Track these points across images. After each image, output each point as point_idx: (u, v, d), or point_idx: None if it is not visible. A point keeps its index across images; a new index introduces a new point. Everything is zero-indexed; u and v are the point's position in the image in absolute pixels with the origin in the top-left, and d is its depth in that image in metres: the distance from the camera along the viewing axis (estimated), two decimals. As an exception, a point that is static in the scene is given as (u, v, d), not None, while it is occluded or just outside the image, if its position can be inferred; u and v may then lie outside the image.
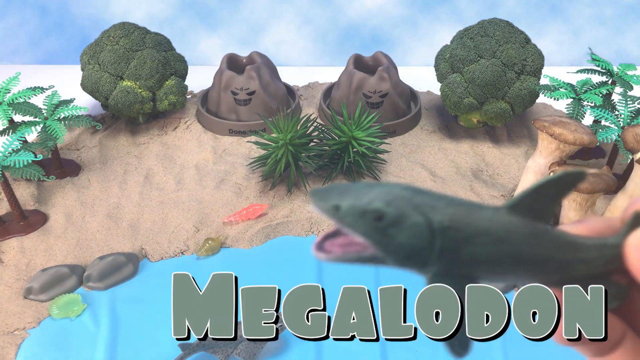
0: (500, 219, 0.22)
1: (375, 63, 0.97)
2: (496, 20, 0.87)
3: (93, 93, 0.92)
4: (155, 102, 0.93)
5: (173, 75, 0.94)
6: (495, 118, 0.87)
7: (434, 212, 0.21)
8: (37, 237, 0.74)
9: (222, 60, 0.97)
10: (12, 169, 0.70)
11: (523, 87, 0.84)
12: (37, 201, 0.80)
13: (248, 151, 0.90)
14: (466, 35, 0.88)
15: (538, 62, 0.86)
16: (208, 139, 0.94)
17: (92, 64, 0.91)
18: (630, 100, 0.78)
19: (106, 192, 0.83)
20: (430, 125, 0.97)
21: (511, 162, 0.88)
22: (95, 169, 0.87)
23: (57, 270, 0.68)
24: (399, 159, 0.88)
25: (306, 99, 1.05)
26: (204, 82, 1.04)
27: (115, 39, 0.90)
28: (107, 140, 0.94)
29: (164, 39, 0.95)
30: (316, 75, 1.13)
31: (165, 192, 0.82)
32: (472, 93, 0.85)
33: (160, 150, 0.91)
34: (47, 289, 0.66)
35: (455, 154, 0.90)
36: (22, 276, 0.69)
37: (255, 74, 0.92)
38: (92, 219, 0.78)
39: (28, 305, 0.65)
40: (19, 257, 0.72)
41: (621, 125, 0.76)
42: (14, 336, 0.62)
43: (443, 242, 0.21)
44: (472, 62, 0.85)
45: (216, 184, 0.83)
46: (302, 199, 0.80)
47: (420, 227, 0.21)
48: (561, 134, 0.70)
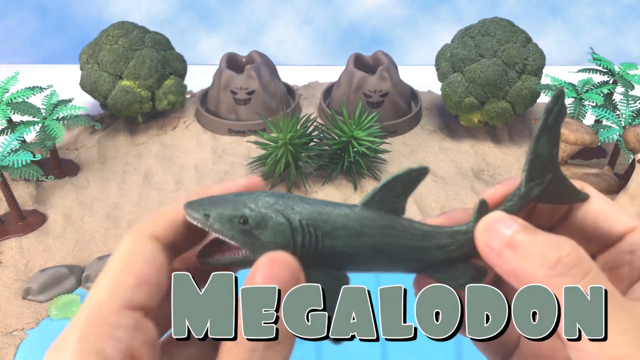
0: (355, 214, 0.25)
1: (375, 62, 0.96)
2: (497, 19, 0.87)
3: (92, 92, 0.91)
4: (155, 102, 0.93)
5: (172, 75, 0.94)
6: (496, 118, 0.86)
7: (295, 213, 0.24)
8: (35, 238, 0.74)
9: (222, 59, 0.97)
10: (11, 169, 0.70)
11: (524, 86, 0.84)
12: (36, 201, 0.80)
13: (247, 151, 0.90)
14: (467, 35, 0.87)
15: (539, 62, 0.85)
16: (207, 139, 0.93)
17: (91, 64, 0.91)
18: (631, 99, 0.78)
19: (105, 192, 0.82)
20: (430, 125, 0.97)
21: (512, 162, 0.88)
22: (94, 169, 0.87)
23: (56, 271, 0.67)
24: (399, 159, 0.88)
25: (306, 98, 1.05)
26: (203, 82, 1.04)
27: (114, 38, 0.90)
28: (106, 140, 0.94)
29: (163, 38, 0.95)
30: (316, 74, 1.12)
31: (165, 192, 0.82)
32: (473, 92, 0.85)
33: (159, 150, 0.91)
34: (46, 290, 0.66)
35: (456, 154, 0.89)
36: (20, 277, 0.69)
37: (255, 73, 0.92)
38: (91, 219, 0.77)
39: (27, 306, 0.65)
40: (17, 257, 0.71)
41: (622, 125, 0.76)
42: (13, 337, 0.62)
43: (303, 238, 0.24)
44: (473, 62, 0.85)
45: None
46: (302, 199, 0.80)
47: (281, 227, 0.24)
48: (562, 134, 0.70)
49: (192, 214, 0.25)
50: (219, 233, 0.24)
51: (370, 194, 0.26)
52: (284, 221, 0.24)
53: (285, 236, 0.24)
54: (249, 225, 0.24)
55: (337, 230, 0.25)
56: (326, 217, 0.25)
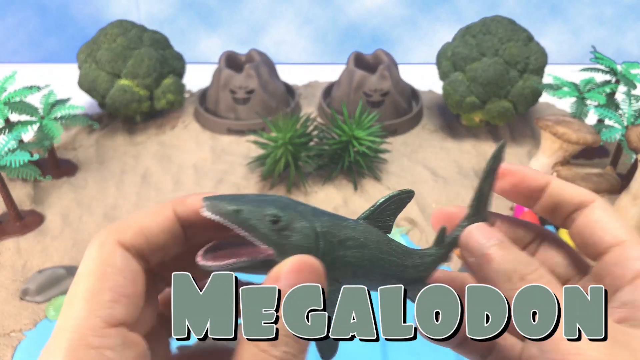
0: (360, 227, 0.26)
1: (375, 61, 0.96)
2: (498, 17, 0.87)
3: (90, 92, 0.91)
4: (153, 101, 0.92)
5: (171, 74, 0.93)
6: (497, 117, 0.86)
7: (314, 220, 0.25)
8: (33, 238, 0.73)
9: (221, 58, 0.96)
10: (8, 169, 0.69)
11: (526, 85, 0.84)
12: (34, 201, 0.79)
13: (247, 151, 0.90)
14: (468, 33, 0.87)
15: (541, 61, 0.85)
16: (206, 139, 0.93)
17: (89, 63, 0.90)
18: (634, 99, 0.77)
19: (103, 192, 0.82)
20: (431, 124, 0.96)
21: (514, 161, 0.87)
22: (92, 169, 0.86)
23: (54, 272, 0.67)
24: (400, 159, 0.87)
25: (306, 97, 1.04)
26: (202, 81, 1.04)
27: (112, 37, 0.90)
28: (104, 139, 0.93)
29: (161, 37, 0.94)
30: (316, 74, 1.12)
31: (163, 193, 0.82)
32: (474, 92, 0.84)
33: (157, 150, 0.91)
34: (44, 290, 0.65)
35: (458, 154, 0.89)
36: (18, 277, 0.68)
37: (254, 72, 0.91)
38: (89, 219, 0.77)
39: (24, 307, 0.64)
40: (15, 258, 0.71)
41: (625, 124, 0.76)
42: (10, 338, 0.61)
43: (324, 245, 0.25)
44: (474, 61, 0.84)
45: (214, 184, 0.83)
46: (302, 199, 0.79)
47: (308, 230, 0.24)
48: (564, 133, 0.69)
49: (218, 209, 0.24)
50: (250, 230, 0.24)
51: (370, 210, 0.27)
52: (308, 225, 0.24)
53: (310, 240, 0.24)
54: (279, 225, 0.24)
55: (348, 241, 0.25)
56: (339, 226, 0.25)
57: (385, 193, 0.79)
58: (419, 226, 0.74)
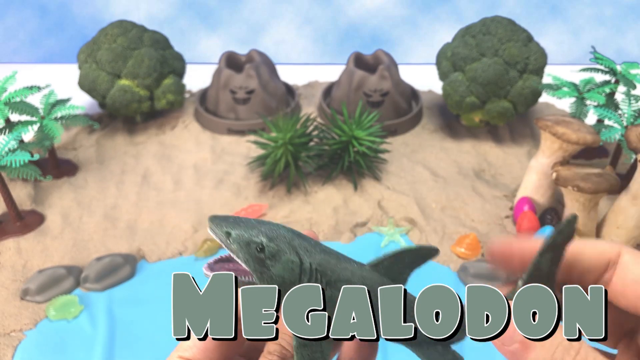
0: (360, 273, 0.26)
1: (375, 61, 0.96)
2: (498, 18, 0.87)
3: (90, 92, 0.91)
4: (153, 101, 0.92)
5: (171, 74, 0.93)
6: (497, 117, 0.86)
7: (308, 255, 0.25)
8: (33, 238, 0.73)
9: (221, 58, 0.96)
10: (9, 169, 0.69)
11: (525, 85, 0.84)
12: (34, 201, 0.79)
13: (247, 151, 0.90)
14: (468, 34, 0.87)
15: (541, 61, 0.85)
16: (206, 139, 0.93)
17: (90, 63, 0.90)
18: (633, 99, 0.77)
19: (103, 192, 0.82)
20: (431, 124, 0.96)
21: (514, 161, 0.87)
22: (92, 169, 0.87)
23: (54, 272, 0.67)
24: (400, 159, 0.87)
25: (306, 98, 1.04)
26: (202, 81, 1.04)
27: (112, 37, 0.90)
28: (104, 139, 0.93)
29: (161, 37, 0.94)
30: (316, 74, 1.12)
31: (163, 193, 0.82)
32: (474, 92, 0.84)
33: (158, 150, 0.91)
34: (44, 290, 0.66)
35: (457, 154, 0.89)
36: (18, 277, 0.68)
37: (254, 72, 0.92)
38: (89, 219, 0.77)
39: (25, 307, 0.65)
40: (15, 258, 0.71)
41: (624, 124, 0.76)
42: (11, 338, 0.61)
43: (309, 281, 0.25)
44: (474, 61, 0.84)
45: (215, 184, 0.83)
46: (302, 199, 0.79)
47: (292, 264, 0.25)
48: (564, 134, 0.69)
49: (214, 229, 0.26)
50: (234, 253, 0.25)
51: (380, 258, 0.27)
52: (296, 260, 0.25)
53: (293, 274, 0.25)
54: (264, 254, 0.25)
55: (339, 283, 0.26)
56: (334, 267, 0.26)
57: (385, 193, 0.80)
58: (418, 226, 0.74)
